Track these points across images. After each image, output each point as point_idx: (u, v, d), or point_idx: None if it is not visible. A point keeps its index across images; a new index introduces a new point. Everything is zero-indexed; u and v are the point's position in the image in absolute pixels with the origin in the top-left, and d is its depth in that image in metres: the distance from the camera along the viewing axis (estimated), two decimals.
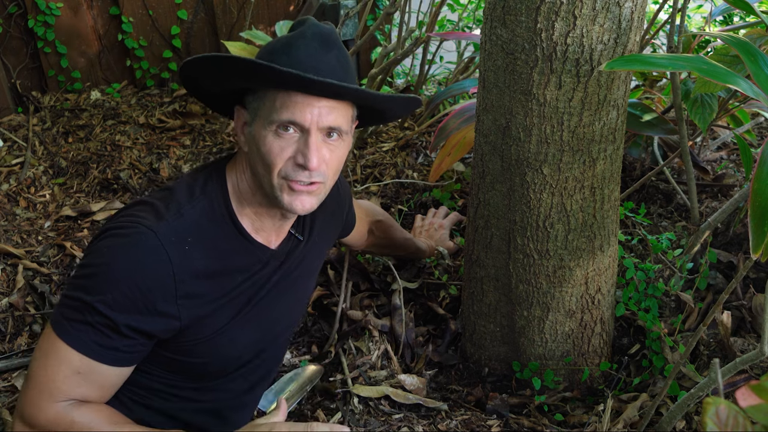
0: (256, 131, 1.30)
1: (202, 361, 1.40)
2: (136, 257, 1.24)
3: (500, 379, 1.88)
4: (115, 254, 1.24)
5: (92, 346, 1.24)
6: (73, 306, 1.25)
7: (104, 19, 3.27)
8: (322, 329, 2.05)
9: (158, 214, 1.29)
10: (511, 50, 1.47)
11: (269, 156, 1.28)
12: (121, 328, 1.24)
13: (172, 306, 1.27)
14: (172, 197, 1.33)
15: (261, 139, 1.29)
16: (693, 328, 1.89)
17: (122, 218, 1.30)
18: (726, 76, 1.32)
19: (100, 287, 1.23)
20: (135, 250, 1.24)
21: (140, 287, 1.24)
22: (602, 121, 1.52)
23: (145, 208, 1.31)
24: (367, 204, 2.04)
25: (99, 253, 1.27)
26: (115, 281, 1.23)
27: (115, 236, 1.27)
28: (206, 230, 1.32)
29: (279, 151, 1.28)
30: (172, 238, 1.26)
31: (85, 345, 1.24)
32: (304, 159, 1.27)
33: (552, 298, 1.71)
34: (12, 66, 3.23)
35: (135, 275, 1.23)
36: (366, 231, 1.97)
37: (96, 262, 1.26)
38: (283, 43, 1.28)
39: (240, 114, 1.36)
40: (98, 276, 1.24)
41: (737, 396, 0.75)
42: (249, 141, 1.33)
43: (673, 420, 1.56)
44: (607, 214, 1.65)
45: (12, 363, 2.05)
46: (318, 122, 1.27)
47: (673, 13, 1.87)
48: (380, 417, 1.73)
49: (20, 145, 3.01)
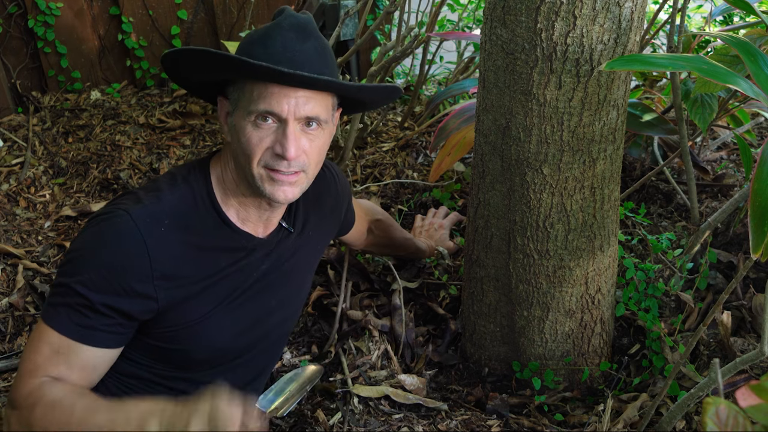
0: (237, 121, 1.33)
1: (185, 348, 1.41)
2: (111, 237, 1.27)
3: (500, 379, 1.88)
4: (92, 237, 1.29)
5: (69, 326, 1.27)
6: (56, 291, 1.29)
7: (104, 19, 3.27)
8: (322, 329, 2.05)
9: (137, 200, 1.32)
10: (511, 50, 1.47)
11: (249, 146, 1.31)
12: (98, 307, 1.27)
13: (149, 286, 1.29)
14: (154, 186, 1.37)
15: (241, 129, 1.31)
16: (693, 328, 1.89)
17: (104, 208, 1.34)
18: (726, 76, 1.32)
19: (78, 268, 1.27)
20: (110, 230, 1.28)
21: (115, 266, 1.26)
22: (602, 121, 1.52)
23: (127, 197, 1.35)
24: (366, 203, 2.04)
25: (80, 238, 1.32)
26: (91, 261, 1.27)
27: (96, 223, 1.31)
28: (185, 215, 1.34)
29: (258, 141, 1.30)
30: (147, 220, 1.29)
31: (63, 324, 1.27)
32: (282, 149, 1.29)
33: (552, 298, 1.71)
34: (12, 66, 3.23)
35: (110, 255, 1.27)
36: (365, 230, 1.97)
37: (76, 247, 1.31)
38: (260, 35, 1.31)
39: (222, 104, 1.38)
40: (77, 259, 1.29)
41: (737, 396, 0.75)
42: (231, 131, 1.36)
43: (673, 420, 1.56)
44: (607, 214, 1.65)
45: (12, 363, 2.05)
46: (295, 112, 1.29)
47: (673, 13, 1.87)
48: (380, 417, 1.73)
49: (20, 145, 3.01)
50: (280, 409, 1.79)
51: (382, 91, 1.47)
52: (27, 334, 2.16)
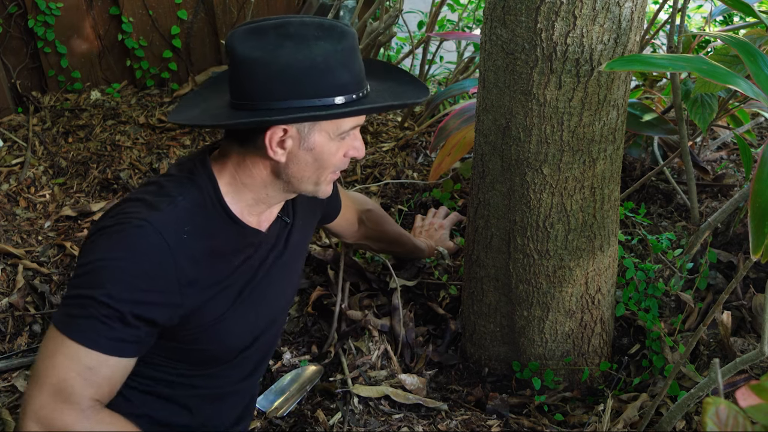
0: (315, 144, 1.33)
1: (206, 348, 1.41)
2: (137, 247, 1.25)
3: (500, 379, 1.88)
4: (115, 248, 1.25)
5: (99, 340, 1.24)
6: (77, 303, 1.25)
7: (104, 19, 3.27)
8: (322, 329, 2.05)
9: (151, 206, 1.30)
10: (511, 50, 1.47)
11: (330, 159, 1.36)
12: (128, 318, 1.24)
13: (176, 294, 1.28)
14: (162, 190, 1.34)
15: (323, 150, 1.34)
16: (693, 328, 1.89)
17: (113, 217, 1.30)
18: (726, 76, 1.32)
19: (102, 280, 1.23)
20: (134, 240, 1.25)
21: (144, 277, 1.25)
22: (602, 121, 1.52)
23: (135, 204, 1.31)
24: (356, 194, 2.03)
25: (96, 250, 1.27)
26: (117, 272, 1.24)
27: (111, 233, 1.27)
28: (199, 217, 1.33)
29: (335, 153, 1.36)
30: (170, 228, 1.27)
31: (93, 339, 1.24)
32: (359, 152, 1.39)
33: (552, 298, 1.71)
34: (12, 66, 3.23)
35: (137, 265, 1.24)
36: (356, 221, 1.96)
37: (95, 258, 1.26)
38: (336, 61, 1.28)
39: (277, 133, 1.32)
40: (98, 270, 1.24)
41: (737, 396, 0.75)
42: (297, 154, 1.34)
43: (673, 420, 1.56)
44: (607, 214, 1.66)
45: (12, 363, 2.05)
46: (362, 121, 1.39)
47: (673, 13, 1.87)
48: (380, 417, 1.73)
49: (20, 145, 3.01)
50: (280, 409, 1.80)
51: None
52: (27, 334, 2.16)
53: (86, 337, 1.24)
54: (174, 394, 1.45)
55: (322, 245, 2.34)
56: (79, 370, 1.24)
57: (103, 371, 1.26)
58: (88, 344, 1.24)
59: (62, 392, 1.24)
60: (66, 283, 2.31)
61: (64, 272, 2.36)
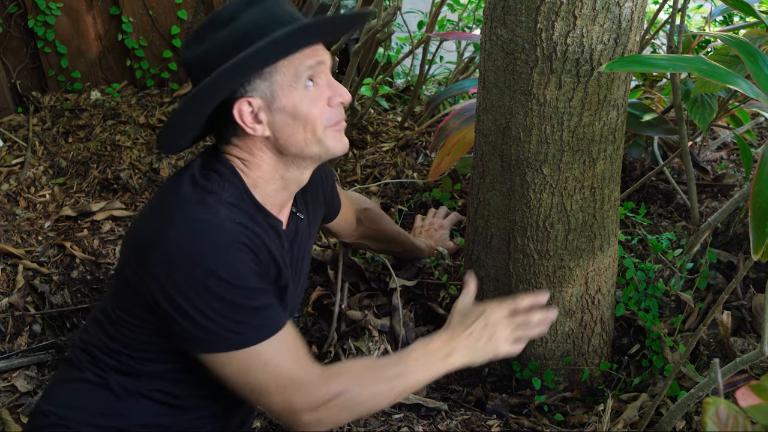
0: (284, 103, 1.32)
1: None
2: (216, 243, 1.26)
3: (500, 379, 1.88)
4: (206, 252, 1.25)
5: (276, 319, 1.30)
6: (229, 314, 1.26)
7: (104, 19, 3.27)
8: (322, 329, 2.05)
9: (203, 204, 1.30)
10: (511, 50, 1.47)
11: (311, 111, 1.33)
12: (263, 289, 1.31)
13: (261, 260, 1.35)
14: (199, 190, 1.32)
15: (295, 104, 1.32)
16: (693, 328, 1.89)
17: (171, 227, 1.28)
18: (726, 76, 1.32)
19: (220, 287, 1.25)
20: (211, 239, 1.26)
21: (241, 259, 1.28)
22: (602, 121, 1.52)
23: (180, 210, 1.30)
24: (353, 193, 2.03)
25: (191, 268, 1.25)
26: (228, 268, 1.25)
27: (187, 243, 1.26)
28: (240, 212, 1.33)
29: (313, 104, 1.33)
30: (227, 218, 1.29)
31: (274, 323, 1.30)
32: (340, 95, 1.36)
33: (552, 298, 1.71)
34: (12, 66, 3.22)
35: (233, 252, 1.27)
36: (354, 219, 1.95)
37: (199, 274, 1.25)
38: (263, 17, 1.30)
39: (244, 108, 1.33)
40: (211, 278, 1.24)
41: (737, 396, 0.75)
42: (273, 121, 1.33)
43: (673, 420, 1.56)
44: (607, 214, 1.65)
45: (12, 363, 2.05)
46: (328, 61, 1.36)
47: (673, 13, 1.87)
48: (380, 417, 1.73)
49: (20, 145, 3.01)
50: None
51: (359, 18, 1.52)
52: (27, 334, 2.16)
53: (270, 328, 1.29)
54: (182, 393, 1.45)
55: (322, 245, 2.34)
56: (287, 356, 1.30)
57: (293, 338, 1.33)
58: (274, 330, 1.29)
59: (294, 383, 1.29)
60: (66, 283, 2.31)
61: (64, 272, 2.36)
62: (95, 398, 1.40)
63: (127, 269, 1.34)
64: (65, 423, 1.39)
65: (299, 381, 1.29)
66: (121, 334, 1.39)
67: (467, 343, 1.43)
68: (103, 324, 1.42)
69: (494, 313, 1.44)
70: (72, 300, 2.25)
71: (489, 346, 1.43)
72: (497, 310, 1.44)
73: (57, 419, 1.40)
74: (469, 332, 1.43)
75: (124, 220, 2.62)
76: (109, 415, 1.40)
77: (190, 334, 1.27)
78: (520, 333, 1.46)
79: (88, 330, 1.47)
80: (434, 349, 1.41)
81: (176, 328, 1.29)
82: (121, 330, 1.39)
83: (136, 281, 1.31)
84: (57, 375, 1.50)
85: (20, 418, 1.88)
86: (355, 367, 1.36)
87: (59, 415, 1.40)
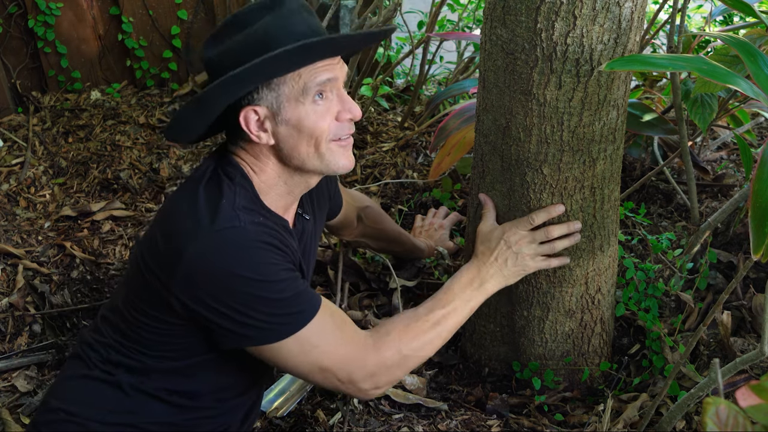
0: (290, 115, 1.32)
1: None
2: (244, 243, 1.28)
3: (500, 379, 1.88)
4: (232, 259, 1.27)
5: (313, 300, 1.33)
6: (268, 309, 1.29)
7: (104, 19, 3.27)
8: None
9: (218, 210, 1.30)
10: (511, 50, 1.47)
11: (316, 127, 1.33)
12: (295, 276, 1.33)
13: (286, 254, 1.37)
14: (213, 194, 1.33)
15: (300, 118, 1.32)
16: (693, 328, 1.89)
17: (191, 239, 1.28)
18: (726, 76, 1.32)
19: (261, 277, 1.27)
20: (238, 240, 1.28)
21: (267, 252, 1.30)
22: (602, 121, 1.52)
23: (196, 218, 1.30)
24: (353, 191, 2.04)
25: (223, 275, 1.26)
26: (258, 270, 1.27)
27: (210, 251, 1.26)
28: (252, 215, 1.34)
29: (321, 118, 1.33)
30: (251, 226, 1.30)
31: (312, 304, 1.33)
32: (351, 111, 1.36)
33: (552, 298, 1.71)
34: (12, 66, 3.23)
35: (259, 251, 1.29)
36: (354, 218, 1.96)
37: (233, 283, 1.27)
38: (277, 26, 1.29)
39: (250, 116, 1.33)
40: (243, 279, 1.26)
41: (737, 396, 0.75)
42: (278, 132, 1.34)
43: (673, 420, 1.56)
44: (607, 214, 1.66)
45: (12, 363, 2.05)
46: (342, 77, 1.36)
47: (673, 13, 1.87)
48: (380, 417, 1.73)
49: (20, 145, 3.01)
50: (280, 409, 1.80)
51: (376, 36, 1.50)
52: (27, 334, 2.16)
53: (310, 311, 1.32)
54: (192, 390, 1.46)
55: (322, 245, 2.34)
56: (334, 331, 1.33)
57: (333, 312, 1.36)
58: (314, 311, 1.32)
59: (347, 356, 1.33)
60: (66, 283, 2.31)
61: (64, 272, 2.36)
62: (104, 395, 1.41)
63: (147, 275, 1.34)
64: (73, 419, 1.40)
65: (352, 354, 1.34)
66: (136, 334, 1.40)
67: (496, 268, 1.52)
68: (117, 323, 1.43)
69: (514, 232, 1.53)
70: (72, 300, 2.25)
71: (517, 265, 1.53)
72: (516, 229, 1.54)
73: (65, 415, 1.41)
74: (494, 257, 1.52)
75: (124, 220, 2.62)
76: (117, 413, 1.40)
77: (235, 332, 1.30)
78: (546, 248, 1.54)
79: (99, 329, 1.47)
80: (467, 282, 1.50)
81: (219, 329, 1.31)
82: (137, 330, 1.40)
83: (162, 291, 1.31)
84: (65, 371, 1.51)
85: (20, 418, 1.88)
86: (400, 323, 1.40)
87: (67, 411, 1.41)
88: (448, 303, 1.46)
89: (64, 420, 1.40)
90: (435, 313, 1.44)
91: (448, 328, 1.44)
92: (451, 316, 1.45)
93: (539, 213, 1.55)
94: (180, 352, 1.40)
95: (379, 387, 1.38)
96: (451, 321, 1.45)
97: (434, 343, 1.43)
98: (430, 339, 1.42)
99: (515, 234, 1.53)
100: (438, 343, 1.44)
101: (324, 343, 1.32)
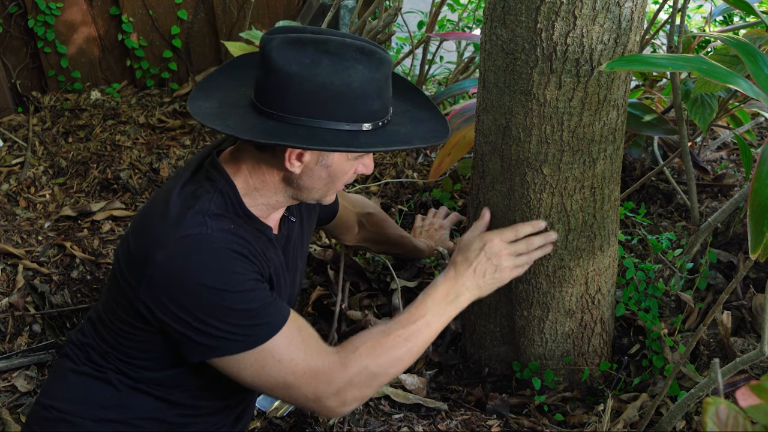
0: (334, 165, 1.35)
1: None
2: (214, 250, 1.27)
3: (500, 379, 1.88)
4: (201, 268, 1.25)
5: (279, 312, 1.31)
6: (232, 320, 1.27)
7: (104, 19, 3.27)
8: (322, 329, 2.05)
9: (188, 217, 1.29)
10: (511, 50, 1.47)
11: (344, 177, 1.39)
12: (262, 286, 1.32)
13: (255, 262, 1.36)
14: (188, 200, 1.32)
15: (339, 169, 1.36)
16: (693, 328, 1.89)
17: (160, 246, 1.27)
18: (726, 76, 1.32)
19: (226, 286, 1.26)
20: (209, 247, 1.27)
21: (236, 262, 1.28)
22: (602, 121, 1.52)
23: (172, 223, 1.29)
24: (357, 196, 2.03)
25: (190, 282, 1.25)
26: (224, 278, 1.26)
27: (179, 259, 1.25)
28: (227, 221, 1.33)
29: (351, 169, 1.39)
30: (216, 228, 1.29)
31: (278, 316, 1.30)
32: (368, 167, 1.42)
33: (552, 298, 1.71)
34: (12, 66, 3.23)
35: (227, 260, 1.27)
36: (355, 223, 1.96)
37: (199, 289, 1.25)
38: (371, 89, 1.27)
39: (295, 151, 1.32)
40: (211, 291, 1.25)
41: (737, 396, 0.75)
42: (311, 169, 1.35)
43: (673, 420, 1.56)
44: (607, 214, 1.66)
45: (12, 363, 2.05)
46: None
47: (673, 13, 1.87)
48: (380, 417, 1.73)
49: (20, 145, 3.01)
50: (280, 409, 1.80)
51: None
52: (27, 334, 2.16)
53: (275, 324, 1.29)
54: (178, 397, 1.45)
55: (322, 245, 2.34)
56: (299, 346, 1.31)
57: (300, 326, 1.34)
58: (280, 324, 1.30)
59: (312, 372, 1.30)
60: (66, 283, 2.31)
61: (64, 272, 2.36)
62: (95, 391, 1.41)
63: (120, 280, 1.33)
64: (65, 417, 1.40)
65: (317, 369, 1.30)
66: (114, 340, 1.39)
67: (473, 280, 1.47)
68: (98, 326, 1.43)
69: (495, 243, 1.49)
70: (72, 300, 2.26)
71: (495, 278, 1.49)
72: (497, 240, 1.49)
73: (57, 413, 1.41)
74: (472, 269, 1.47)
75: (124, 220, 2.62)
76: (108, 408, 1.40)
77: (197, 343, 1.28)
78: (524, 258, 1.52)
79: (83, 330, 1.47)
80: (441, 296, 1.45)
81: (182, 339, 1.29)
82: (114, 336, 1.39)
83: (132, 296, 1.31)
84: (55, 370, 1.51)
85: (20, 418, 1.88)
86: (369, 339, 1.36)
87: (59, 409, 1.41)
88: (420, 317, 1.40)
89: (55, 418, 1.40)
90: (407, 328, 1.38)
91: (419, 344, 1.39)
92: (422, 332, 1.40)
93: (524, 226, 1.53)
94: (157, 363, 1.39)
95: (346, 404, 1.33)
96: (423, 336, 1.40)
97: (404, 360, 1.38)
98: (399, 356, 1.36)
99: (496, 245, 1.49)
100: (409, 359, 1.38)
101: (288, 358, 1.29)
